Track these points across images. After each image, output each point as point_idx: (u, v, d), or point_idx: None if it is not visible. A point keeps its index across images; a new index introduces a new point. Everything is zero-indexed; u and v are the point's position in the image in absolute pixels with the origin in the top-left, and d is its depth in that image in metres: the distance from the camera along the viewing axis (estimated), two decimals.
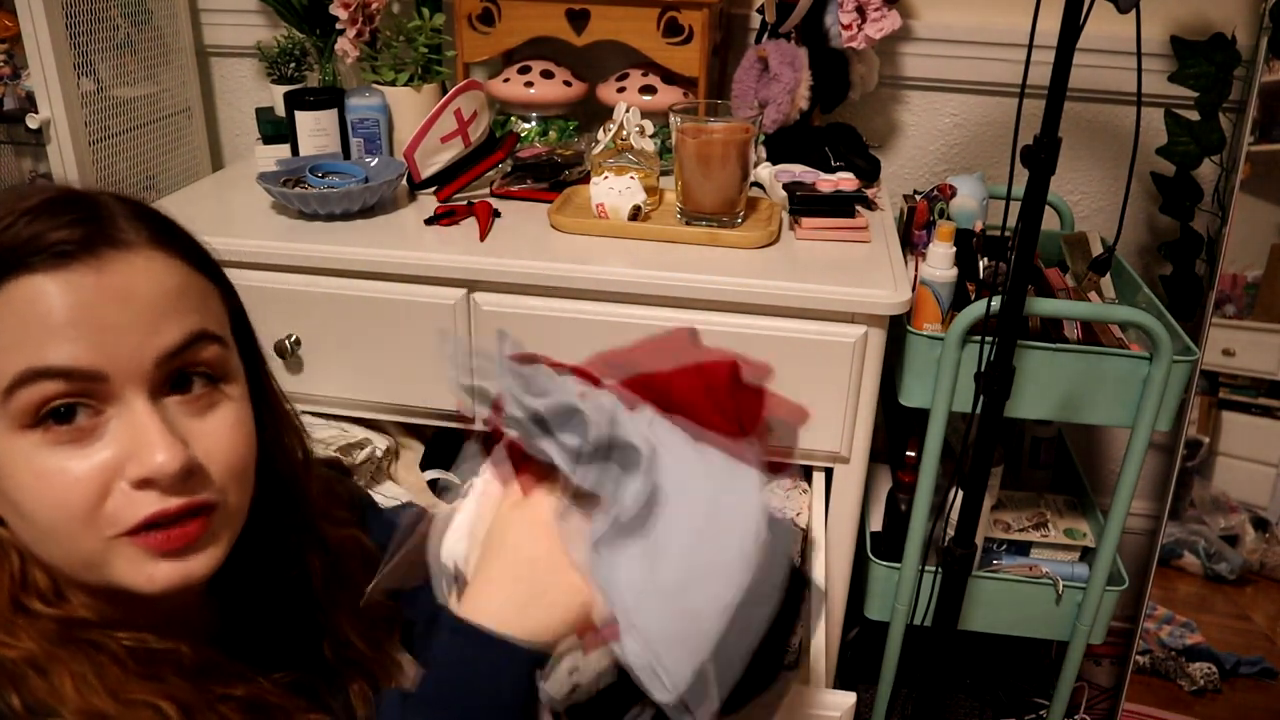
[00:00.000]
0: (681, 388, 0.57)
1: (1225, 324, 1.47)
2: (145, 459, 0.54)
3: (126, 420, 0.54)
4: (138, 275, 0.55)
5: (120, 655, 0.56)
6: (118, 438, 0.54)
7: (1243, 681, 1.56)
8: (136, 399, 0.55)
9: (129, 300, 0.54)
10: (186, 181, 1.63)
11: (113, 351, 0.54)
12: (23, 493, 0.54)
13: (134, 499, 0.54)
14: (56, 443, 0.53)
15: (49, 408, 0.53)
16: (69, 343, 0.53)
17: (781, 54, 1.34)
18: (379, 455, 1.27)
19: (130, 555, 0.55)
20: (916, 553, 1.31)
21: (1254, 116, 1.41)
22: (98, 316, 0.53)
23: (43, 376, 0.52)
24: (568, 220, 1.23)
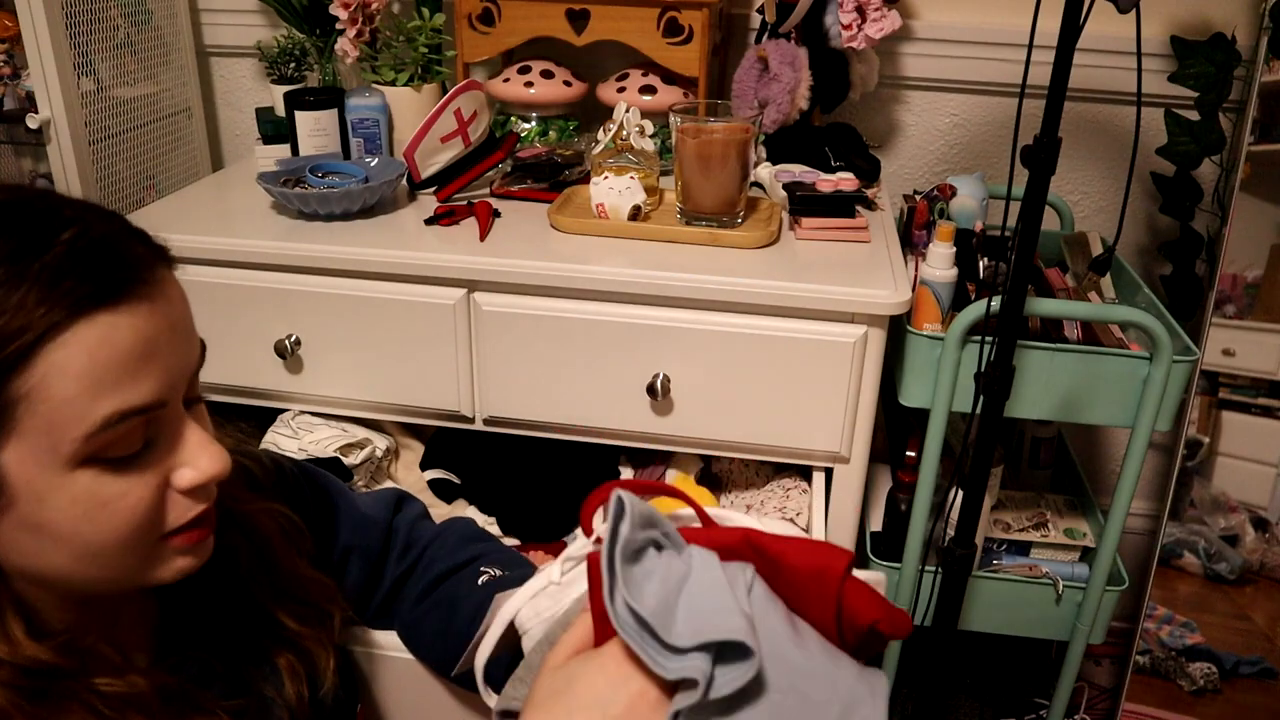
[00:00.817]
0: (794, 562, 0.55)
1: (1225, 324, 1.47)
2: (202, 467, 0.58)
3: (172, 436, 0.58)
4: (172, 297, 0.57)
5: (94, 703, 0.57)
6: (162, 451, 0.57)
7: (1243, 681, 1.56)
8: (177, 414, 0.58)
9: (175, 325, 0.57)
10: (186, 181, 1.63)
11: (172, 378, 0.57)
12: (83, 521, 0.55)
13: (182, 504, 0.59)
14: (115, 471, 0.55)
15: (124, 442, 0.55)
16: (146, 378, 0.54)
17: (781, 54, 1.34)
18: (379, 455, 1.27)
19: (165, 555, 0.60)
20: (916, 553, 1.31)
21: (1254, 116, 1.41)
22: (160, 347, 0.55)
23: (125, 418, 0.54)
24: (568, 220, 1.23)
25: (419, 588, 0.86)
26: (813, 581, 0.55)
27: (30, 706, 0.55)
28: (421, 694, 0.89)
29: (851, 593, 0.54)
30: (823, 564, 0.55)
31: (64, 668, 0.57)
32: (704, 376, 1.14)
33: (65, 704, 0.56)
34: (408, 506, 0.92)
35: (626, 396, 1.16)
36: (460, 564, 0.86)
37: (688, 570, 0.54)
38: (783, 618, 0.54)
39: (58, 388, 0.51)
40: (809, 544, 0.57)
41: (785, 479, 1.26)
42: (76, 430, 0.52)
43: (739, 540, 0.57)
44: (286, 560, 0.75)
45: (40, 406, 0.51)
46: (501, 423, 1.23)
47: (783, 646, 0.52)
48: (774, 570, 0.56)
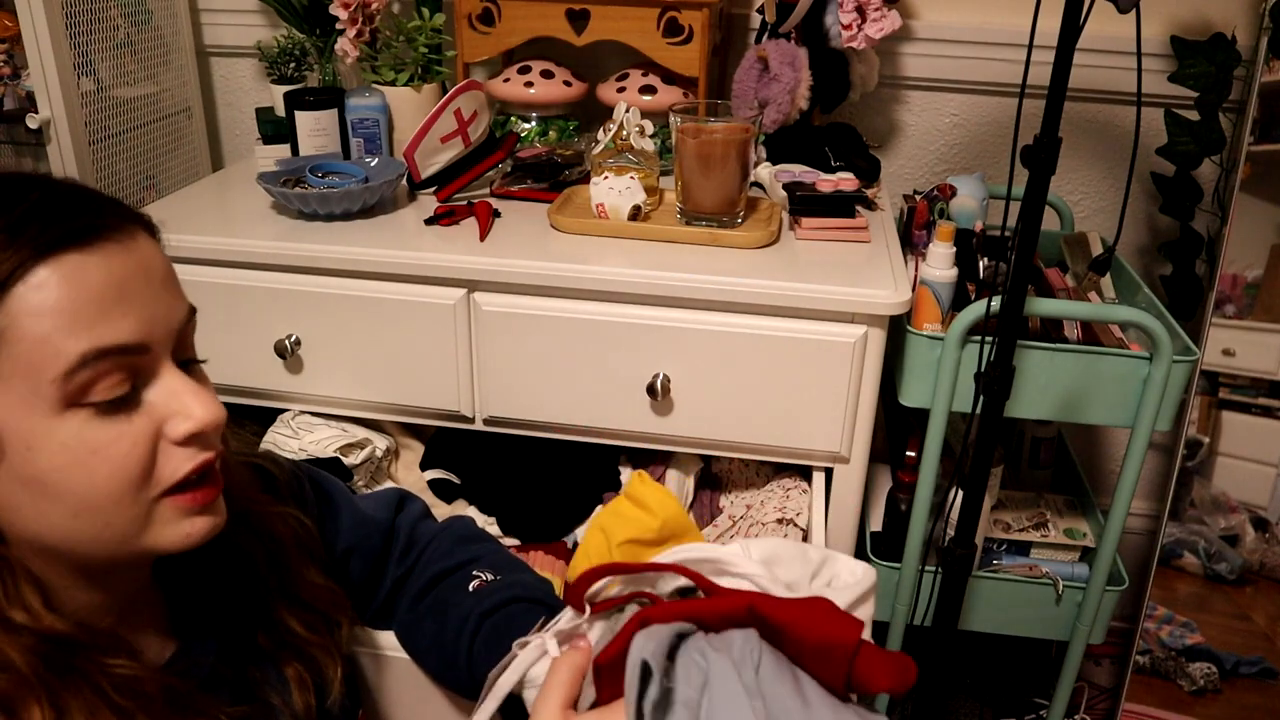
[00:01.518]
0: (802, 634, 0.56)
1: (1225, 324, 1.47)
2: (193, 414, 0.58)
3: (160, 385, 0.58)
4: (151, 253, 0.59)
5: (103, 685, 0.57)
6: (154, 402, 0.58)
7: (1243, 681, 1.56)
8: (167, 366, 0.59)
9: (152, 275, 0.58)
10: (186, 181, 1.63)
11: (152, 323, 0.57)
12: (74, 470, 0.55)
13: (178, 456, 0.59)
14: (102, 415, 0.55)
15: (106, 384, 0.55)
16: (121, 318, 0.55)
17: (781, 54, 1.34)
18: (379, 455, 1.27)
19: (168, 516, 0.59)
20: (916, 553, 1.31)
21: (1254, 116, 1.41)
22: (134, 291, 0.56)
23: (104, 355, 0.54)
24: (568, 220, 1.23)
25: (414, 590, 0.86)
26: (822, 654, 0.55)
27: (46, 675, 0.55)
28: (422, 695, 0.89)
29: (863, 664, 0.54)
30: (833, 639, 0.54)
31: (81, 641, 0.58)
32: (704, 376, 1.14)
33: (78, 681, 0.56)
34: (409, 506, 0.92)
35: (626, 396, 1.16)
36: (453, 567, 0.86)
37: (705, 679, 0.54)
38: (790, 687, 0.54)
39: (30, 326, 0.52)
40: (818, 613, 0.56)
41: (785, 479, 1.26)
42: (54, 369, 0.53)
43: (744, 609, 0.57)
44: (299, 566, 0.75)
45: (15, 348, 0.52)
46: (501, 423, 1.23)
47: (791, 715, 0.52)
48: (782, 638, 0.56)
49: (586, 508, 1.29)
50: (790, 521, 1.18)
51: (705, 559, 0.61)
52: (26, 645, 0.55)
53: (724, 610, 0.57)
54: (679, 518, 1.03)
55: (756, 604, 0.56)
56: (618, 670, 0.55)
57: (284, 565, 0.74)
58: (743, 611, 0.56)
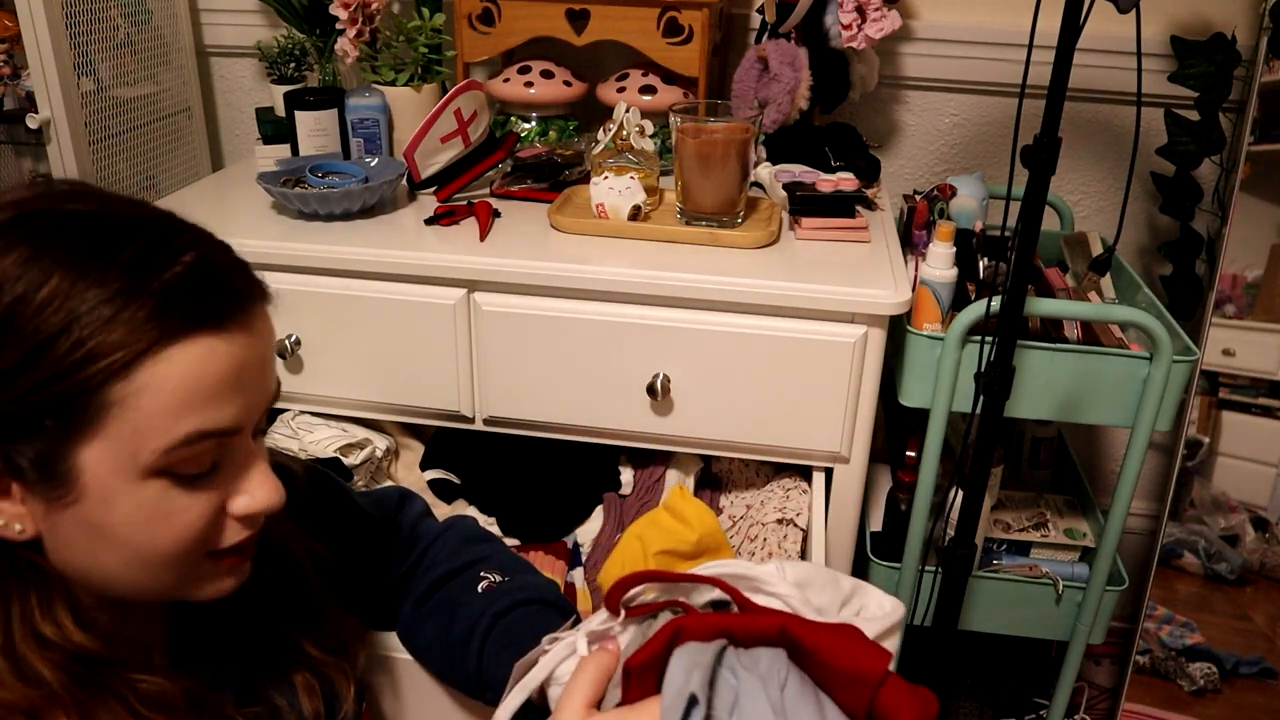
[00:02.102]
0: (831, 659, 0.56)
1: (1225, 324, 1.47)
2: (259, 498, 0.60)
3: (238, 462, 0.60)
4: (268, 335, 0.61)
5: (130, 699, 0.58)
6: (226, 475, 0.59)
7: (1243, 681, 1.56)
8: (248, 444, 0.60)
9: (264, 358, 0.60)
10: (186, 181, 1.63)
11: (252, 407, 0.59)
12: (142, 529, 0.57)
13: (232, 528, 0.61)
14: (182, 486, 0.57)
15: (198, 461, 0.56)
16: (230, 405, 0.57)
17: (781, 54, 1.34)
18: (379, 455, 1.27)
19: (211, 572, 0.62)
20: (916, 553, 1.31)
21: (1254, 116, 1.41)
22: (248, 376, 0.58)
23: (204, 439, 0.56)
24: (568, 220, 1.23)
25: (419, 590, 0.86)
26: (848, 682, 0.55)
27: (76, 690, 0.56)
28: (424, 695, 0.89)
29: (887, 696, 0.55)
30: (861, 668, 0.55)
31: (107, 658, 0.59)
32: (704, 376, 1.14)
33: (105, 695, 0.57)
34: (410, 505, 0.92)
35: (626, 396, 1.16)
36: (460, 568, 0.86)
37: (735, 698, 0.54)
38: (813, 708, 0.54)
39: (150, 400, 0.54)
40: (848, 640, 0.57)
41: (785, 479, 1.26)
42: (158, 442, 0.54)
43: (776, 628, 0.57)
44: (315, 589, 0.75)
45: (131, 414, 0.53)
46: (501, 423, 1.23)
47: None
48: (809, 661, 0.56)
49: (586, 508, 1.29)
50: (790, 521, 1.18)
51: (740, 575, 0.62)
52: (56, 660, 0.56)
53: (757, 629, 0.58)
54: (715, 533, 1.03)
55: (789, 625, 0.57)
56: (647, 674, 0.56)
57: (300, 589, 0.74)
58: (775, 631, 0.57)
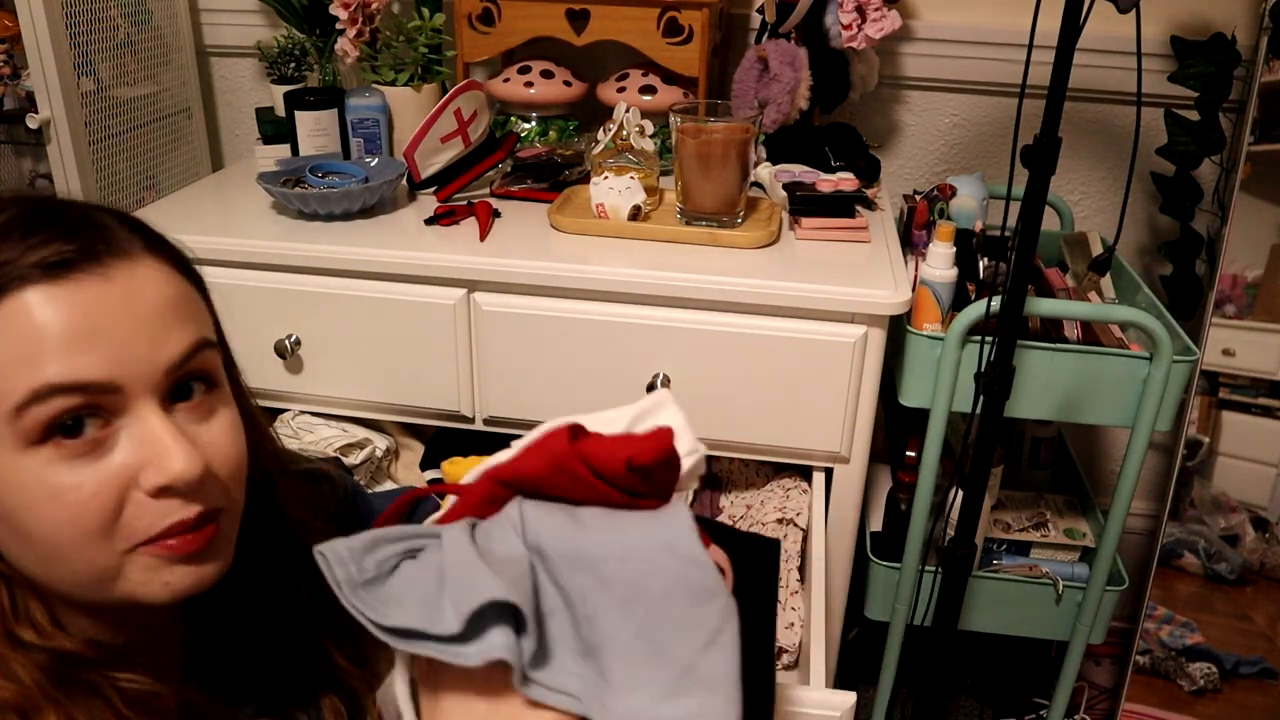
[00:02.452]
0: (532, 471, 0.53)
1: (1225, 324, 1.47)
2: (165, 467, 0.53)
3: (138, 430, 0.54)
4: (141, 283, 0.55)
5: (114, 699, 0.55)
6: (130, 448, 0.53)
7: (1243, 681, 1.56)
8: (148, 408, 0.54)
9: (136, 309, 0.54)
10: (186, 181, 1.63)
11: (125, 362, 0.53)
12: (32, 512, 0.52)
13: (152, 509, 0.54)
14: (68, 457, 0.52)
15: (58, 422, 0.51)
16: (81, 355, 0.51)
17: (781, 54, 1.34)
18: (379, 455, 1.27)
19: (145, 564, 0.55)
20: (916, 553, 1.31)
21: (1254, 116, 1.41)
22: (108, 326, 0.52)
23: (56, 393, 0.51)
24: (568, 220, 1.23)
25: None
26: (559, 476, 0.52)
27: (54, 690, 0.53)
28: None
29: (592, 453, 0.51)
30: (552, 457, 0.52)
31: (89, 658, 0.55)
32: (704, 376, 1.14)
33: (86, 695, 0.54)
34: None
35: (626, 396, 1.16)
36: None
37: (442, 559, 0.51)
38: (563, 522, 0.51)
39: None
40: (534, 446, 0.54)
41: (785, 479, 1.26)
42: (7, 401, 0.50)
43: (488, 486, 0.54)
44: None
45: None
46: (501, 423, 1.23)
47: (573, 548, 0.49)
48: (533, 487, 0.53)
49: None
50: (790, 521, 1.18)
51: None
52: (36, 661, 0.54)
53: (473, 494, 0.54)
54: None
55: (492, 474, 0.54)
56: None
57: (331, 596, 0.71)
58: (488, 487, 0.54)
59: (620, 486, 0.51)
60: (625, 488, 0.52)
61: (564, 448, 0.52)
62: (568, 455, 0.51)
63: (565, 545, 0.50)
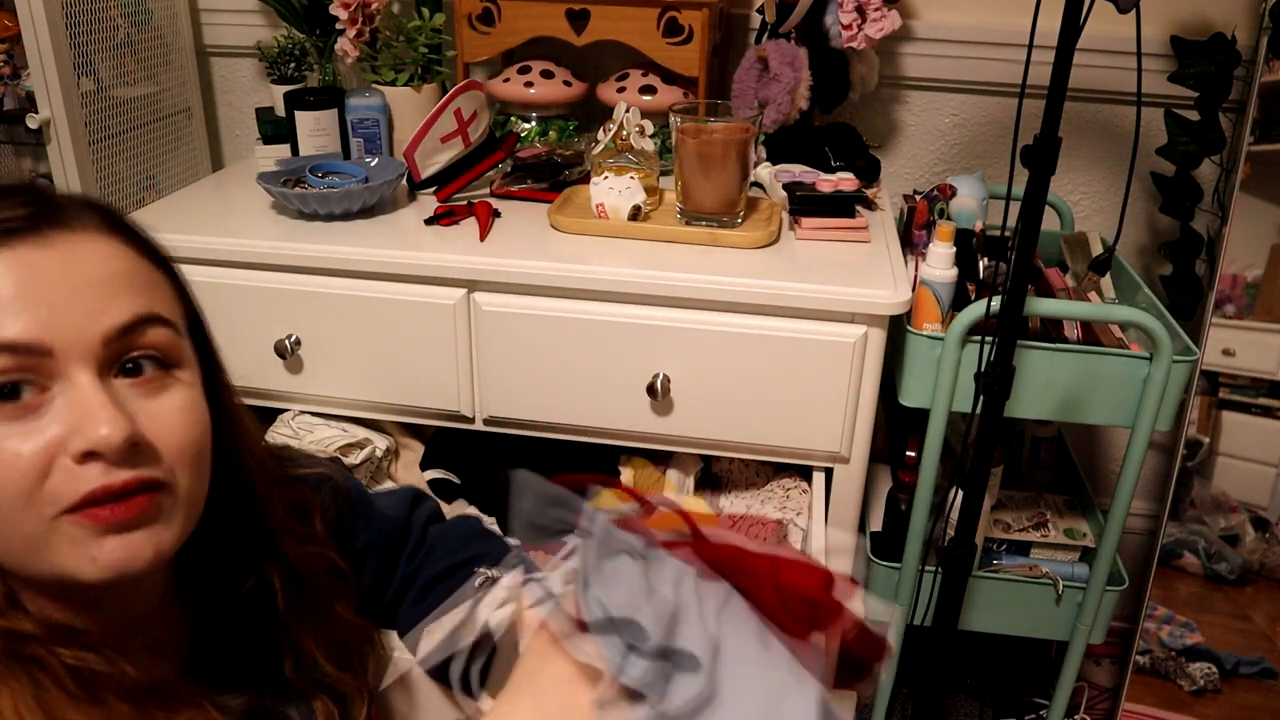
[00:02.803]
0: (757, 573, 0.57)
1: (1225, 324, 1.47)
2: (89, 431, 0.53)
3: (71, 396, 0.54)
4: (84, 254, 0.55)
5: (61, 675, 0.54)
6: (61, 414, 0.54)
7: (1243, 681, 1.56)
8: (82, 376, 0.54)
9: (73, 276, 0.54)
10: (186, 181, 1.63)
11: (58, 326, 0.53)
12: None
13: (77, 474, 0.53)
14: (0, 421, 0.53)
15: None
16: (13, 317, 0.52)
17: (781, 54, 1.34)
18: (379, 455, 1.27)
19: (73, 535, 0.54)
20: (916, 553, 1.31)
21: (1254, 116, 1.41)
22: (42, 291, 0.53)
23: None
24: (568, 220, 1.23)
25: (419, 586, 0.86)
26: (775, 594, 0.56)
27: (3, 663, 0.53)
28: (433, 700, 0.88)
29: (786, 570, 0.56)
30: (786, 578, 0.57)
31: (40, 636, 0.55)
32: (704, 376, 1.14)
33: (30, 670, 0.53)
34: (423, 506, 0.92)
35: (626, 396, 1.16)
36: (457, 564, 0.86)
37: (658, 582, 0.55)
38: (754, 635, 0.55)
39: None
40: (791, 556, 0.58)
41: (785, 479, 1.26)
42: None
43: (724, 555, 0.58)
44: (329, 602, 0.73)
45: None
46: (501, 423, 1.23)
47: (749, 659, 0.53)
48: (756, 584, 0.57)
49: None
50: (790, 522, 1.18)
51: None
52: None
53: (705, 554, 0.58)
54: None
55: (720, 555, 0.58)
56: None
57: (313, 600, 0.71)
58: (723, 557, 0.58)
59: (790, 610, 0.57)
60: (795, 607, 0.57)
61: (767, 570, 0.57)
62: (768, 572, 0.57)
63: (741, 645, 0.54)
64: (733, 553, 0.58)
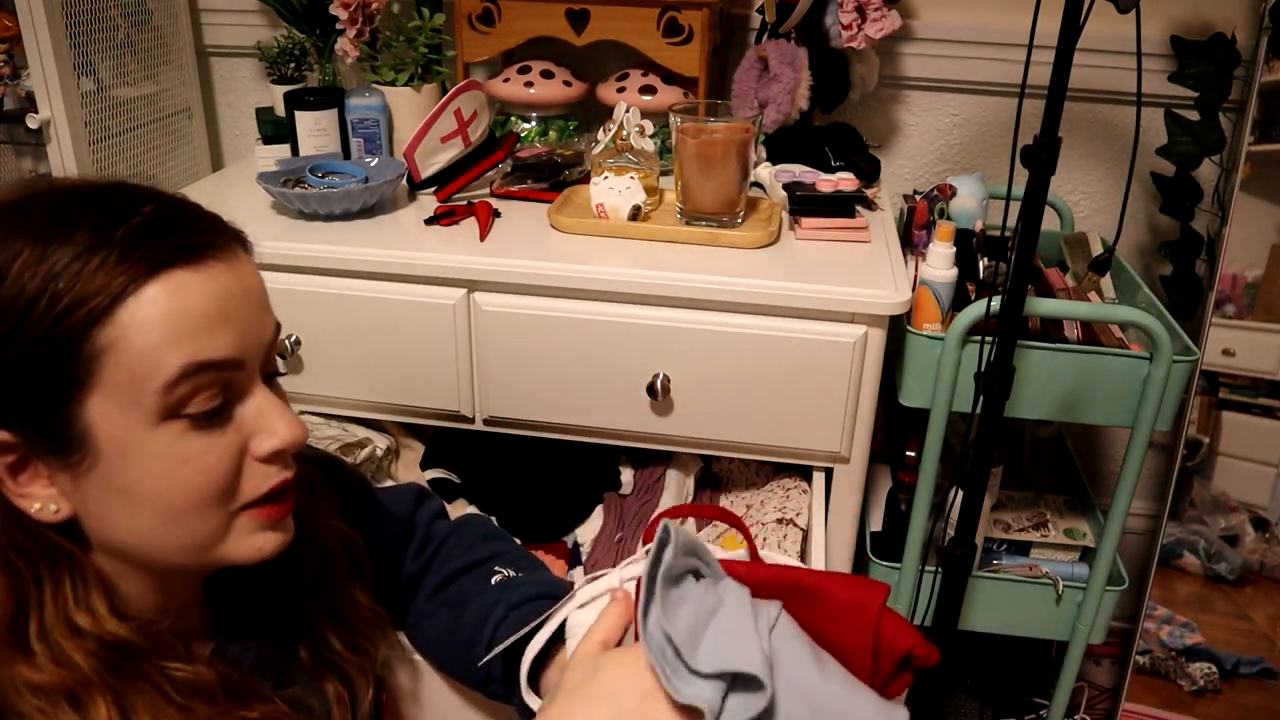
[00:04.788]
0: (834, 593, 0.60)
1: (1225, 324, 1.47)
2: (279, 433, 0.60)
3: (251, 402, 0.60)
4: (249, 271, 0.62)
5: (164, 686, 0.59)
6: (243, 419, 0.60)
7: (1243, 681, 1.56)
8: (256, 383, 0.61)
9: (249, 293, 0.61)
10: (186, 181, 1.63)
11: (248, 340, 0.60)
12: (161, 480, 0.57)
13: (260, 472, 0.61)
14: (196, 428, 0.57)
15: (196, 395, 0.57)
16: (222, 334, 0.57)
17: (781, 54, 1.34)
18: (379, 455, 1.27)
19: (246, 528, 0.62)
20: (916, 553, 1.31)
21: (1254, 116, 1.41)
22: (234, 308, 0.59)
23: (204, 369, 0.56)
24: (568, 220, 1.23)
25: (434, 583, 0.86)
26: (851, 612, 0.58)
27: (110, 678, 0.57)
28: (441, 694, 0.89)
29: (888, 623, 0.58)
30: (863, 597, 0.59)
31: (140, 647, 0.59)
32: (704, 376, 1.14)
33: (139, 683, 0.58)
34: (427, 502, 0.93)
35: (626, 396, 1.16)
36: (474, 562, 0.86)
37: (719, 603, 0.57)
38: (808, 653, 0.57)
39: (138, 340, 0.54)
40: (849, 579, 0.60)
41: (785, 479, 1.26)
42: (156, 380, 0.55)
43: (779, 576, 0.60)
44: (346, 583, 0.76)
45: (123, 356, 0.54)
46: (501, 423, 1.23)
47: (805, 680, 0.55)
48: (813, 602, 0.59)
49: (586, 508, 1.29)
50: (790, 521, 1.18)
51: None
52: (90, 649, 0.57)
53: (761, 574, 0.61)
54: None
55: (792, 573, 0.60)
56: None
57: (332, 577, 0.74)
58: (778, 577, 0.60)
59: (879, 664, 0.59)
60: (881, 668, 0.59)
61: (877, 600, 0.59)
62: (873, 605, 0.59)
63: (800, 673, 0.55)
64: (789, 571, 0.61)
